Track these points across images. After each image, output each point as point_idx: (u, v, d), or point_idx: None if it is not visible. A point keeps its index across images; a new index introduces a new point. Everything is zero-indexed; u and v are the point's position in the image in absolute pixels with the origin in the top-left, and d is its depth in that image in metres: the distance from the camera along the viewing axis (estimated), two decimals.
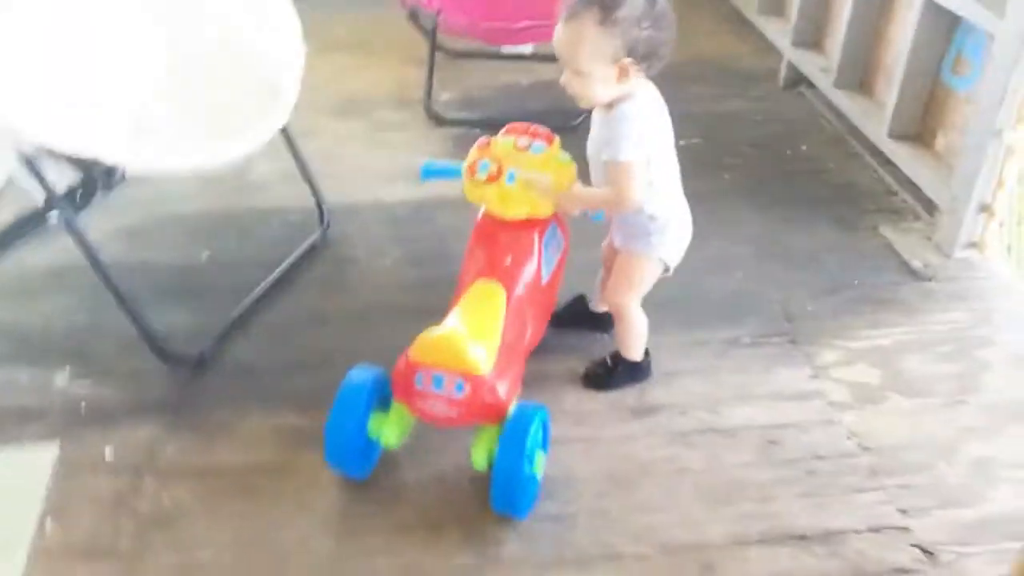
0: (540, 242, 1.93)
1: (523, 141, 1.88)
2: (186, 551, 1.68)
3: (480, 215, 1.96)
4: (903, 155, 2.74)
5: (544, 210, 1.90)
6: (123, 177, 2.41)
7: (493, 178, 1.85)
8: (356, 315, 2.27)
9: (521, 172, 1.84)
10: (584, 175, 1.90)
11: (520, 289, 1.89)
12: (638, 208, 1.80)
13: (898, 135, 2.78)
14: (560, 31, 1.70)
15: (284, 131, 2.39)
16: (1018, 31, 2.23)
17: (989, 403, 2.04)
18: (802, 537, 1.72)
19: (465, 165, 1.88)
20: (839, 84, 3.10)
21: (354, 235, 2.57)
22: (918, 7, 2.60)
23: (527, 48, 3.51)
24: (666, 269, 1.94)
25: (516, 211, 1.88)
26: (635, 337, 2.02)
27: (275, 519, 1.74)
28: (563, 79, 1.74)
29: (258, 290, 2.29)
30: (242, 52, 2.25)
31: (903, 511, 1.78)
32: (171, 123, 2.16)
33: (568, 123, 3.02)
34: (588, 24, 1.65)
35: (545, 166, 1.86)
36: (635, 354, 2.04)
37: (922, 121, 2.75)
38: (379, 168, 2.88)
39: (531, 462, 1.68)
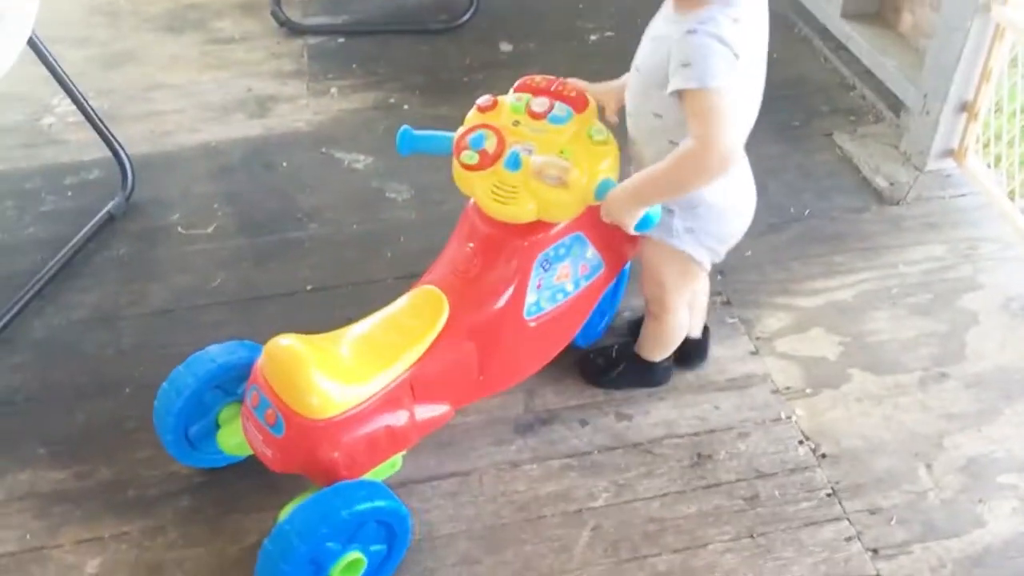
0: (532, 257, 1.33)
1: (540, 104, 1.28)
2: None
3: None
4: (860, 39, 2.19)
5: (560, 214, 1.30)
6: None
7: (488, 161, 1.26)
8: (159, 312, 1.73)
9: (530, 153, 1.25)
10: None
11: (475, 314, 1.32)
12: (729, 165, 1.18)
13: (854, 13, 2.23)
14: None
15: (53, 69, 1.80)
16: None
17: (978, 375, 1.57)
18: None
19: (456, 135, 1.31)
20: None
21: (169, 195, 2.00)
22: None
23: None
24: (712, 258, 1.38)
25: (516, 212, 1.27)
26: (660, 341, 1.51)
27: None
28: None
29: (32, 285, 1.74)
30: None
31: (874, 551, 1.32)
32: None
33: (452, 22, 2.52)
34: None
35: (569, 146, 1.26)
36: (653, 355, 1.53)
37: None
38: (209, 99, 2.28)
39: (315, 564, 1.18)
